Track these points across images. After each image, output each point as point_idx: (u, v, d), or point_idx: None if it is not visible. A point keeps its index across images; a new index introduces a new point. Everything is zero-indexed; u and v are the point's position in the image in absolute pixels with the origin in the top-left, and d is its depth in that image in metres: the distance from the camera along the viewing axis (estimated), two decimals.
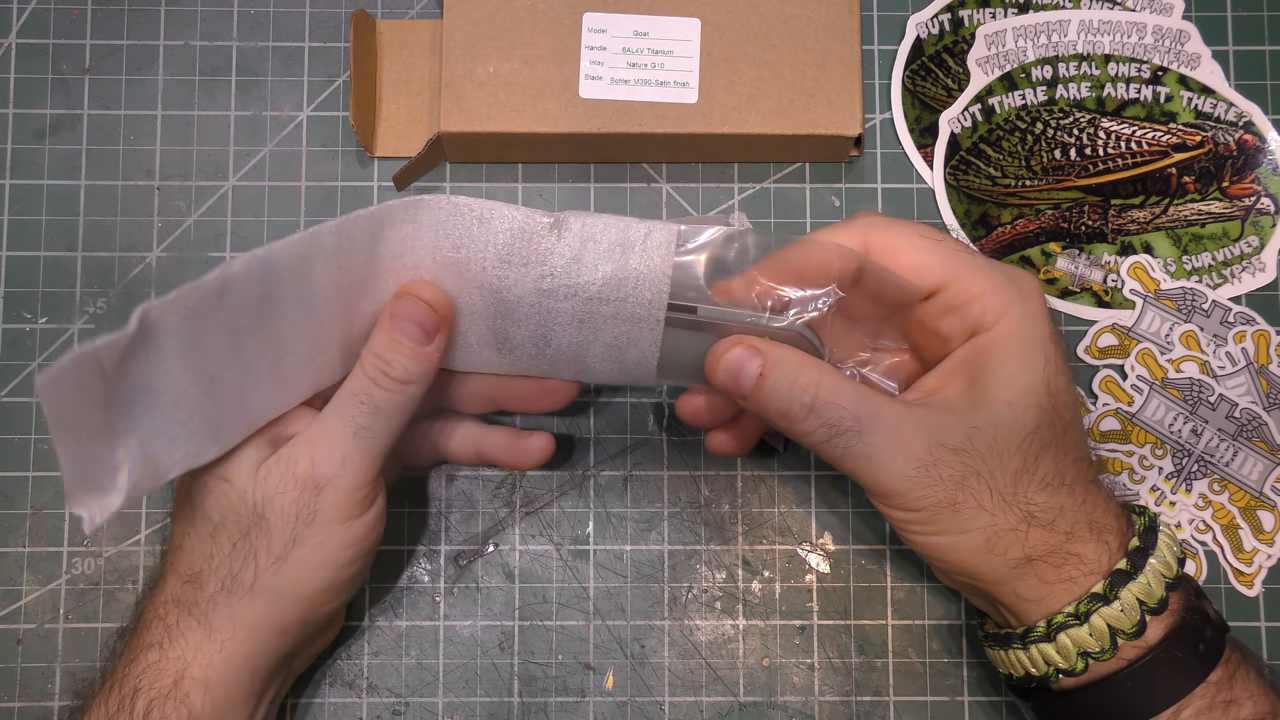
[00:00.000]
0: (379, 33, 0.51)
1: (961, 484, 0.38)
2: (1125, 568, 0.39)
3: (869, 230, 0.40)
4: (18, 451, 0.49)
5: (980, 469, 0.38)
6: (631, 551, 0.49)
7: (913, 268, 0.40)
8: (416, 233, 0.39)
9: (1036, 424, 0.38)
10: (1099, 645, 0.38)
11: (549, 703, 0.47)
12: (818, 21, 0.49)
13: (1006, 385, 0.38)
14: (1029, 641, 0.39)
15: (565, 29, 0.49)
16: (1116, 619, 0.38)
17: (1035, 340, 0.39)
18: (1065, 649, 0.38)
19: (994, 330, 0.39)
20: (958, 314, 0.40)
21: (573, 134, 0.48)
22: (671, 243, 0.39)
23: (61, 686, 0.47)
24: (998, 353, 0.39)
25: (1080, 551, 0.39)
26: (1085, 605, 0.38)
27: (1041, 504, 0.38)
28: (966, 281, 0.39)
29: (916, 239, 0.40)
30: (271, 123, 0.51)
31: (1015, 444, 0.38)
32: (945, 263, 0.39)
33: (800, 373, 0.38)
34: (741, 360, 0.39)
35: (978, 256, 0.40)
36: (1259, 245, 0.50)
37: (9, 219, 0.50)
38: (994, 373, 0.39)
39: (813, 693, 0.48)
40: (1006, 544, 0.38)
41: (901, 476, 0.38)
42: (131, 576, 0.48)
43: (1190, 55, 0.51)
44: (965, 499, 0.38)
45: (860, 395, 0.38)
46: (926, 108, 0.52)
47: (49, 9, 0.51)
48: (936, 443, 0.38)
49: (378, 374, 0.39)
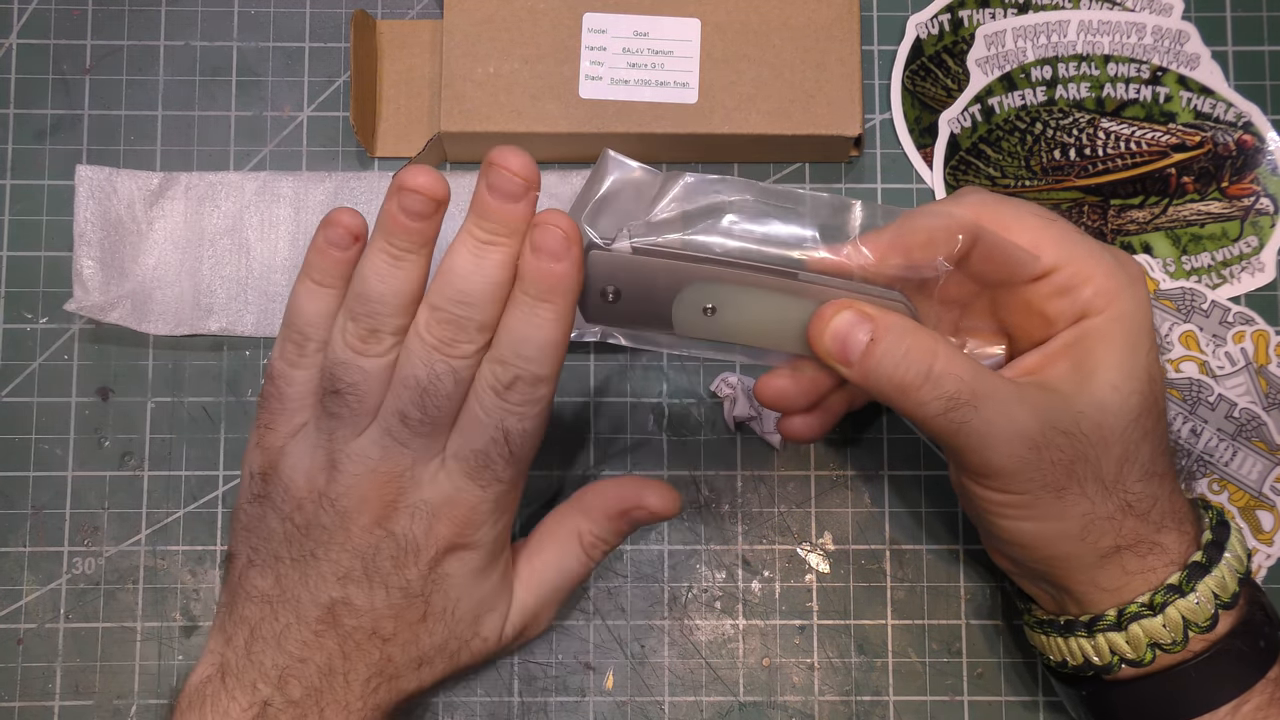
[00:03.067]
0: (379, 33, 0.51)
1: (1069, 469, 0.37)
2: (1202, 560, 0.38)
3: (981, 205, 0.39)
4: (18, 451, 0.49)
5: (1088, 454, 0.37)
6: (631, 551, 0.49)
7: (1027, 246, 0.38)
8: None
9: (1140, 411, 0.37)
10: (1171, 637, 0.38)
11: (549, 702, 0.47)
12: (818, 21, 0.49)
13: (1113, 370, 0.37)
14: (1096, 630, 0.39)
15: (565, 29, 0.49)
16: (1192, 612, 0.37)
17: (1142, 326, 0.38)
18: (1136, 639, 0.38)
19: (1104, 314, 0.38)
20: (1069, 296, 0.38)
21: (573, 134, 0.48)
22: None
23: (62, 686, 0.47)
24: (1106, 337, 0.38)
25: (1164, 541, 0.38)
26: (1161, 596, 0.38)
27: (1139, 493, 0.38)
28: (1080, 264, 0.38)
29: (1030, 217, 0.39)
30: (272, 123, 0.51)
31: (1120, 430, 0.37)
32: (1059, 243, 0.38)
33: (916, 339, 0.37)
34: (850, 325, 0.37)
35: (1089, 239, 0.39)
36: (1258, 245, 0.50)
37: (9, 219, 0.50)
38: (1101, 357, 0.38)
39: (813, 693, 0.48)
40: (1100, 532, 0.38)
41: (1014, 457, 0.36)
42: (131, 576, 0.48)
43: (1190, 55, 0.51)
44: (1071, 485, 0.37)
45: (975, 368, 0.37)
46: (926, 108, 0.52)
47: (49, 9, 0.51)
48: (1049, 424, 0.37)
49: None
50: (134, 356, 0.49)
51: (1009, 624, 0.48)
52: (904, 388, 0.37)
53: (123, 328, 0.48)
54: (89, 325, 0.49)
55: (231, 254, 0.49)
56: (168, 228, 0.50)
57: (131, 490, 0.49)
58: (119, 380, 0.49)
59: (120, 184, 0.49)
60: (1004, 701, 0.48)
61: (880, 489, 0.49)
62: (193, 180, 0.50)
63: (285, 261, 0.49)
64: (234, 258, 0.49)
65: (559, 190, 0.50)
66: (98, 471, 0.49)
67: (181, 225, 0.50)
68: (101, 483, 0.49)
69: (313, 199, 0.50)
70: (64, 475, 0.49)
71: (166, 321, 0.49)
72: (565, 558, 0.42)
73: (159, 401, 0.49)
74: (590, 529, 0.42)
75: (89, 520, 0.48)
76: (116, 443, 0.49)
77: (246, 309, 0.49)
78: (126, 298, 0.49)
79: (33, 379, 0.49)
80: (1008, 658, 0.48)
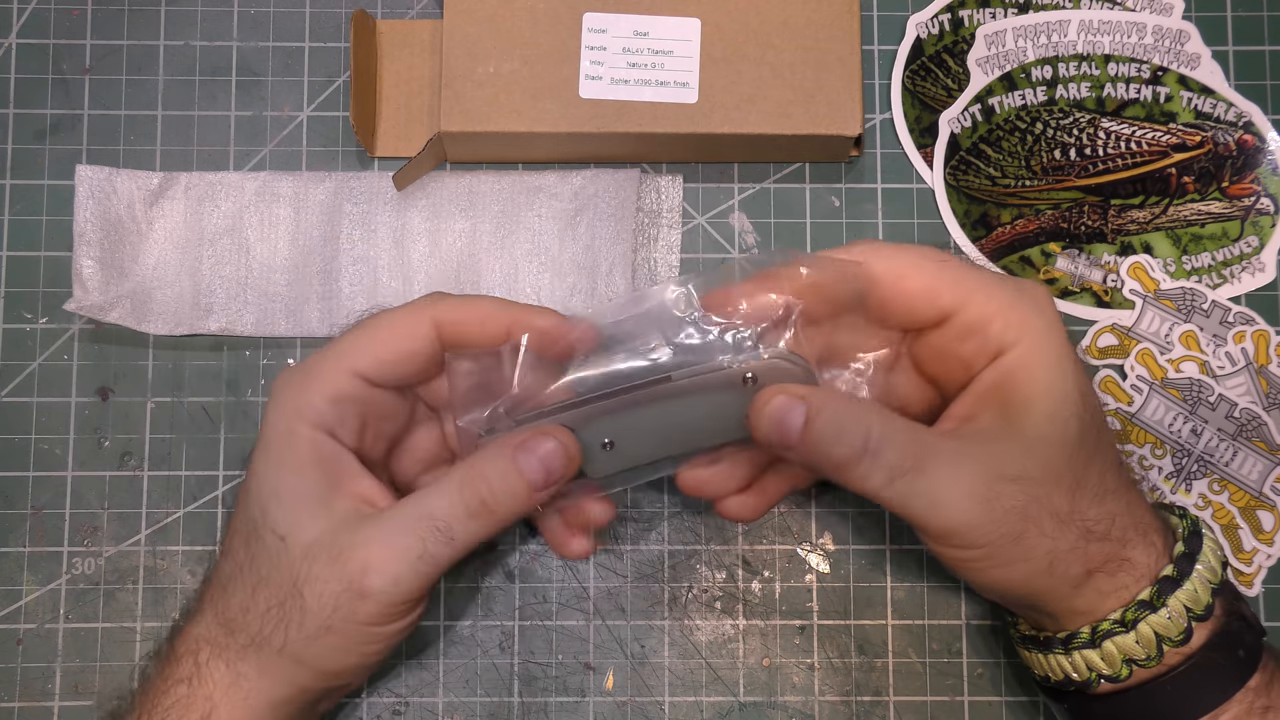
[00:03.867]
0: (379, 33, 0.51)
1: (1024, 514, 0.37)
2: (1172, 574, 0.38)
3: (872, 255, 0.39)
4: (18, 451, 0.49)
5: (1038, 494, 0.37)
6: (631, 551, 0.49)
7: (922, 292, 0.39)
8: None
9: (1080, 434, 0.37)
10: (1145, 653, 0.38)
11: (549, 703, 0.47)
12: (818, 21, 0.49)
13: (1044, 400, 0.37)
14: (1072, 648, 0.39)
15: (565, 29, 0.49)
16: (1164, 627, 0.37)
17: (1060, 349, 0.38)
18: (1111, 656, 0.38)
19: (1019, 348, 0.38)
20: (978, 336, 0.38)
21: (573, 134, 0.48)
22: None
23: (62, 686, 0.47)
24: (1027, 369, 0.38)
25: (1131, 556, 0.38)
26: (1133, 613, 0.38)
27: (1095, 516, 0.38)
28: (980, 301, 0.38)
29: (924, 262, 0.39)
30: (271, 123, 0.51)
31: (1065, 460, 0.37)
32: (956, 284, 0.38)
33: (849, 413, 0.37)
34: (784, 409, 0.37)
35: (984, 272, 0.39)
36: (1258, 245, 0.50)
37: (9, 219, 0.50)
38: (1028, 390, 0.37)
39: (813, 693, 0.48)
40: (1068, 564, 0.38)
41: (965, 516, 0.36)
42: (131, 576, 0.48)
43: (1190, 55, 0.51)
44: (1028, 528, 0.37)
45: (914, 432, 0.37)
46: (926, 108, 0.52)
47: (49, 9, 0.51)
48: (994, 475, 0.37)
49: (476, 501, 0.37)
50: (134, 356, 0.49)
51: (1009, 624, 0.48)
52: (843, 464, 0.37)
53: (122, 328, 0.48)
54: (89, 325, 0.49)
55: (231, 254, 0.49)
56: (167, 228, 0.50)
57: (131, 490, 0.49)
58: (119, 380, 0.49)
59: (120, 184, 0.49)
60: (1004, 701, 0.48)
61: None
62: (192, 180, 0.50)
63: (285, 261, 0.49)
64: (234, 258, 0.49)
65: (559, 190, 0.50)
66: (97, 471, 0.49)
67: (181, 225, 0.50)
68: (101, 483, 0.49)
69: (312, 199, 0.50)
70: (64, 475, 0.48)
71: (166, 321, 0.49)
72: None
73: (159, 401, 0.49)
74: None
75: (89, 520, 0.48)
76: (116, 443, 0.49)
77: (246, 309, 0.49)
78: (126, 297, 0.49)
79: (32, 379, 0.49)
80: (1008, 658, 0.48)
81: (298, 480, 0.38)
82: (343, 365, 0.39)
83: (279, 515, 0.38)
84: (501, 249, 0.50)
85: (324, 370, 0.39)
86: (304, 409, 0.39)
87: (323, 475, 0.39)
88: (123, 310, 0.48)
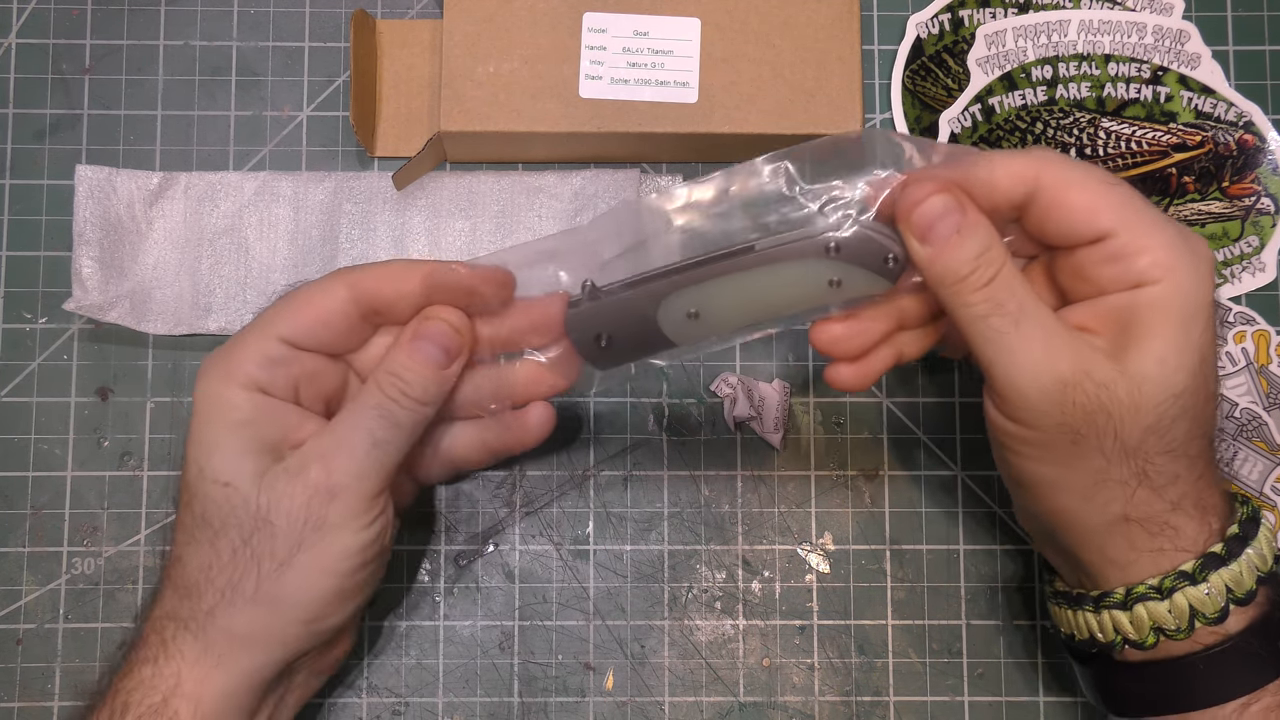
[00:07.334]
0: (379, 33, 0.51)
1: (1090, 418, 0.36)
2: (1220, 552, 0.37)
3: (1044, 163, 0.38)
4: (18, 451, 0.49)
5: (1113, 410, 0.36)
6: (631, 551, 0.49)
7: (1083, 208, 0.37)
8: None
9: (1183, 389, 0.37)
10: (1176, 624, 0.37)
11: (549, 703, 0.47)
12: (818, 21, 0.49)
13: (1162, 343, 0.37)
14: (1102, 606, 0.39)
15: (565, 29, 0.49)
16: (1200, 601, 0.37)
17: (1199, 305, 0.37)
18: (1140, 621, 0.38)
19: (1159, 286, 0.37)
20: (1122, 264, 0.37)
21: (573, 134, 0.48)
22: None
23: (61, 686, 0.47)
24: (1158, 310, 0.37)
25: (1180, 525, 0.38)
26: (1171, 581, 0.37)
27: (1159, 466, 0.37)
28: (1138, 232, 0.37)
29: (1092, 180, 0.38)
30: (271, 123, 0.51)
31: (1156, 401, 0.36)
32: (1118, 209, 0.37)
33: (993, 246, 0.37)
34: (941, 211, 0.37)
35: (1153, 209, 0.38)
36: (1259, 245, 0.50)
37: (9, 219, 0.50)
38: (1151, 328, 0.37)
39: (813, 693, 0.48)
40: (1110, 496, 0.37)
41: (1039, 385, 0.36)
42: (131, 576, 0.48)
43: (1190, 55, 0.51)
44: (1089, 434, 0.37)
45: (1029, 293, 0.37)
46: (926, 108, 0.52)
47: (49, 9, 0.51)
48: (1083, 369, 0.36)
49: (396, 393, 0.39)
50: (133, 356, 0.49)
51: (1009, 624, 0.48)
52: (964, 284, 0.37)
53: (122, 327, 0.48)
54: (88, 325, 0.49)
55: (230, 254, 0.49)
56: (167, 227, 0.50)
57: (131, 490, 0.48)
58: (118, 380, 0.49)
59: (120, 184, 0.49)
60: (1004, 701, 0.48)
61: (880, 489, 0.49)
62: (192, 180, 0.50)
63: (284, 261, 0.49)
64: (233, 257, 0.49)
65: (559, 190, 0.50)
66: (97, 471, 0.49)
67: (181, 225, 0.50)
68: (101, 483, 0.49)
69: (312, 199, 0.50)
70: (63, 475, 0.48)
71: (165, 321, 0.49)
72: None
73: (158, 401, 0.49)
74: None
75: (88, 520, 0.48)
76: (116, 443, 0.49)
77: (245, 308, 0.49)
78: (125, 297, 0.49)
79: (32, 379, 0.49)
80: (1008, 658, 0.48)
81: (235, 433, 0.39)
82: (266, 332, 0.40)
83: (218, 465, 0.39)
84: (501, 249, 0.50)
85: (248, 338, 0.40)
86: (233, 372, 0.39)
87: (264, 426, 0.40)
88: (122, 310, 0.48)
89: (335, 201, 0.50)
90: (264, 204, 0.50)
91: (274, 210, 0.50)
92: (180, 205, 0.50)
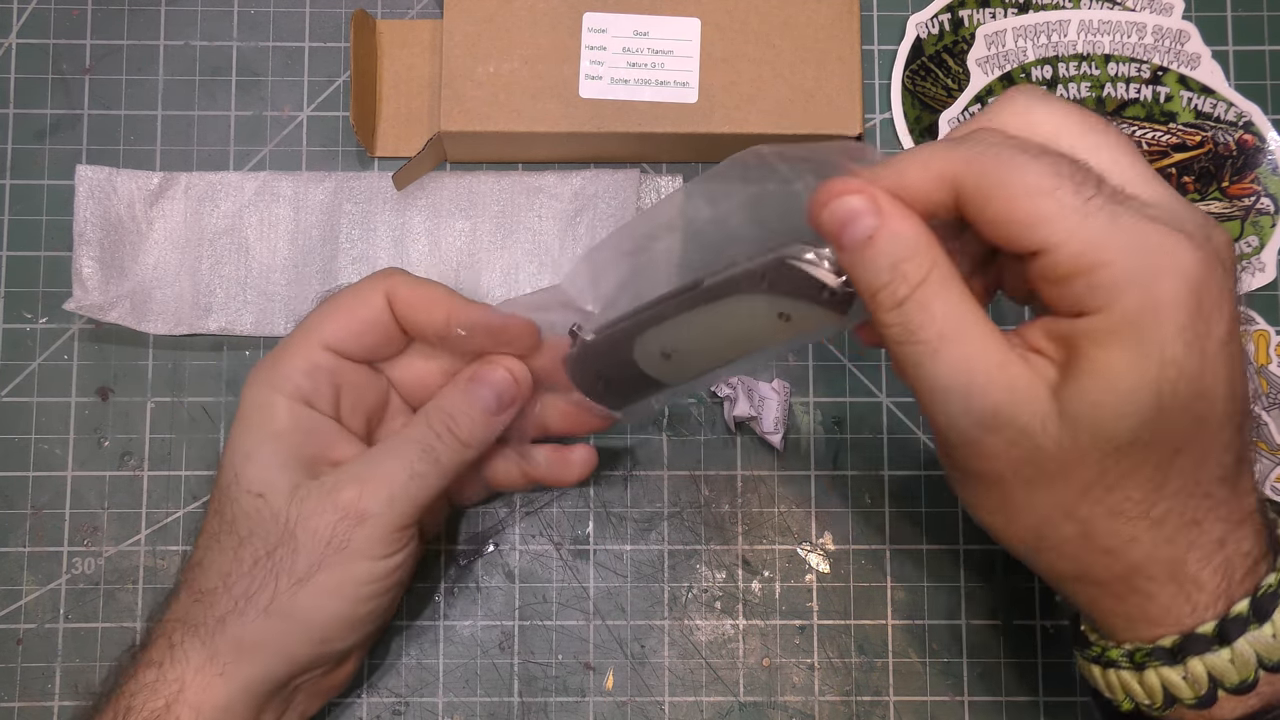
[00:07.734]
0: (379, 33, 0.51)
1: (1015, 469, 0.32)
2: (1210, 632, 0.32)
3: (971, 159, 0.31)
4: (18, 451, 0.49)
5: (1042, 463, 0.31)
6: (631, 551, 0.49)
7: (1013, 219, 0.31)
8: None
9: (1131, 439, 0.30)
10: (1152, 698, 0.33)
11: (549, 703, 0.47)
12: (818, 21, 0.49)
13: (1101, 382, 0.30)
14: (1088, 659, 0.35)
15: (565, 29, 0.49)
16: (1177, 684, 0.32)
17: (1173, 326, 0.30)
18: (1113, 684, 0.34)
19: (1099, 316, 0.30)
20: (1061, 286, 0.31)
21: (573, 134, 0.48)
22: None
23: (62, 686, 0.47)
24: (1100, 343, 0.30)
25: (1153, 593, 0.32)
26: (1141, 657, 0.33)
27: (1105, 530, 0.32)
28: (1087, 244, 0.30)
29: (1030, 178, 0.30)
30: (271, 123, 0.51)
31: (1094, 455, 0.31)
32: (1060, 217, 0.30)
33: (911, 257, 0.31)
34: (855, 213, 0.32)
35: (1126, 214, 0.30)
36: (1259, 245, 0.50)
37: (9, 219, 0.50)
38: (1092, 363, 0.30)
39: (813, 693, 0.48)
40: (1054, 555, 0.33)
41: (956, 428, 0.32)
42: (131, 576, 0.48)
43: (1190, 55, 0.51)
44: (1015, 485, 0.32)
45: (957, 313, 0.31)
46: (926, 108, 0.52)
47: (49, 9, 0.51)
48: (1006, 412, 0.31)
49: (443, 429, 0.39)
50: (134, 356, 0.49)
51: (1009, 624, 0.48)
52: (875, 301, 0.32)
53: (122, 327, 0.48)
54: (89, 325, 0.49)
55: (231, 254, 0.49)
56: (167, 227, 0.50)
57: (131, 490, 0.49)
58: (119, 380, 0.49)
59: (120, 184, 0.49)
60: (1004, 701, 0.48)
61: (880, 489, 0.49)
62: (192, 180, 0.50)
63: (285, 261, 0.49)
64: (233, 257, 0.49)
65: (559, 190, 0.50)
66: (97, 471, 0.49)
67: (181, 225, 0.50)
68: (101, 483, 0.49)
69: (312, 199, 0.50)
70: (63, 475, 0.48)
71: (166, 321, 0.49)
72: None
73: (159, 401, 0.49)
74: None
75: (88, 520, 0.48)
76: (116, 443, 0.49)
77: (246, 308, 0.49)
78: (126, 297, 0.49)
79: (32, 379, 0.49)
80: (1008, 658, 0.48)
81: (274, 444, 0.39)
82: (311, 339, 0.40)
83: (253, 475, 0.39)
84: (501, 249, 0.50)
85: (294, 346, 0.41)
86: (279, 381, 0.40)
87: (303, 441, 0.40)
88: (122, 310, 0.48)
89: (335, 201, 0.50)
90: (264, 204, 0.50)
91: (274, 210, 0.50)
92: (180, 205, 0.50)
